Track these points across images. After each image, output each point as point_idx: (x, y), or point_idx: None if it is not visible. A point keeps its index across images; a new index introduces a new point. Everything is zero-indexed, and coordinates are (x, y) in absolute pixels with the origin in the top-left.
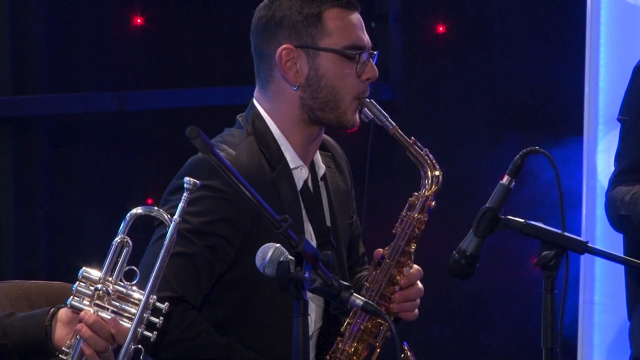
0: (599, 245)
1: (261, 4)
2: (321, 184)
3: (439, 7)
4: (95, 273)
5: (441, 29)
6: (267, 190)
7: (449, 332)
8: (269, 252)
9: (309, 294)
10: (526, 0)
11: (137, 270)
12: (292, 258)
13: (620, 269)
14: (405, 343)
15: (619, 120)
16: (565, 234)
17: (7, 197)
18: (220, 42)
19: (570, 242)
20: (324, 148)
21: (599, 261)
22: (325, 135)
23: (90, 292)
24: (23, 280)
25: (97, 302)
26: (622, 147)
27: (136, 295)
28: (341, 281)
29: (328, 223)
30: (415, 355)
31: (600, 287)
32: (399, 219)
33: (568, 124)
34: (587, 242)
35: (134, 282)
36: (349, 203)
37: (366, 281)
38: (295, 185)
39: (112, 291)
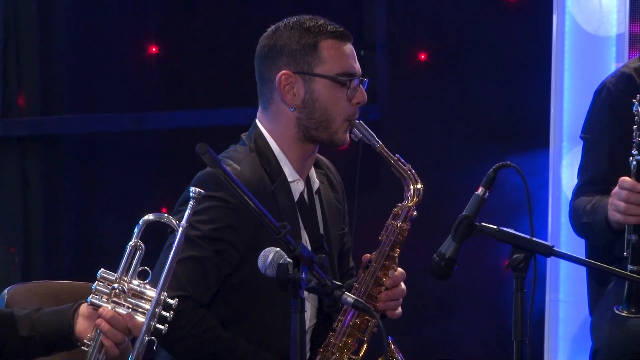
0: (563, 249)
1: (264, 34)
2: (315, 196)
3: (421, 37)
4: (112, 274)
5: (423, 56)
6: (267, 201)
7: (432, 326)
8: (269, 255)
9: (305, 293)
10: (499, 30)
11: (150, 271)
12: (290, 261)
13: (582, 270)
14: (390, 337)
15: (581, 137)
16: (533, 239)
17: (37, 207)
18: (226, 68)
19: (538, 246)
20: (318, 166)
21: (563, 263)
22: (320, 156)
23: (107, 291)
24: (51, 281)
25: (114, 299)
26: (584, 162)
27: (149, 292)
28: (334, 281)
29: (321, 231)
30: (399, 348)
31: (564, 286)
32: (385, 227)
33: (536, 141)
34: (553, 246)
35: (147, 281)
36: (341, 217)
37: (355, 282)
38: (293, 196)
39: (127, 289)
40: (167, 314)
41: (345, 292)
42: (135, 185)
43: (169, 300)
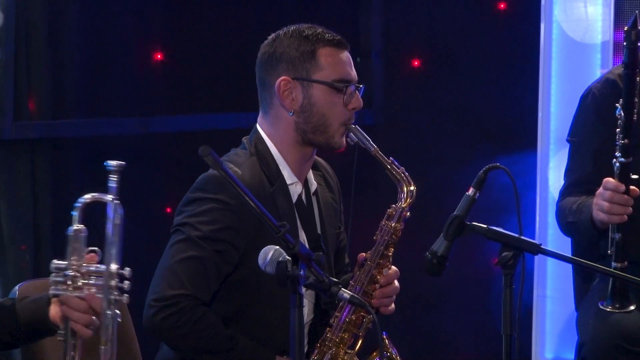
0: (550, 247)
1: (265, 42)
2: (313, 198)
3: (415, 45)
4: (63, 263)
5: (416, 63)
6: (266, 203)
7: (424, 321)
8: (269, 253)
9: (303, 290)
10: (489, 38)
11: (99, 251)
12: (289, 258)
13: (568, 267)
14: (384, 333)
15: (567, 141)
16: (522, 237)
17: (46, 207)
18: (228, 74)
19: (526, 245)
20: (316, 168)
21: (550, 261)
22: (318, 158)
23: (62, 279)
24: None
25: (72, 285)
26: (570, 164)
27: (103, 269)
28: (331, 278)
29: (319, 231)
30: (393, 343)
31: (551, 283)
32: (379, 227)
33: (524, 144)
34: (540, 244)
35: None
36: (337, 217)
37: (351, 280)
38: (291, 198)
39: (83, 272)
40: (124, 284)
41: (342, 289)
42: (141, 186)
43: (122, 271)
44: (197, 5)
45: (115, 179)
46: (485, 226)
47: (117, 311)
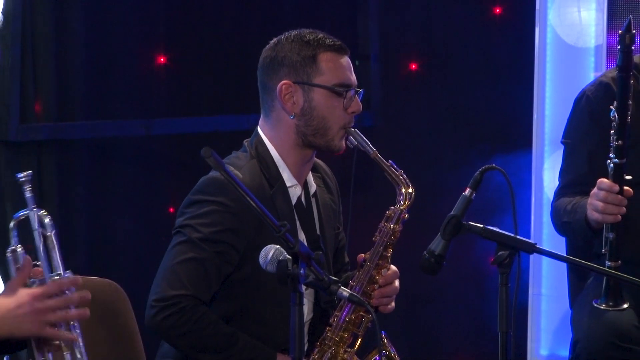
0: (545, 247)
1: (267, 46)
2: (312, 200)
3: (412, 49)
4: None
5: (413, 66)
6: (266, 205)
7: (421, 319)
8: (270, 252)
9: (303, 288)
10: (484, 42)
11: (38, 263)
12: (290, 257)
13: (563, 266)
14: (383, 332)
15: (562, 142)
16: (517, 237)
17: (53, 207)
18: (230, 77)
19: (522, 244)
20: (316, 170)
21: (545, 260)
22: (318, 160)
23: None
24: None
25: None
26: (565, 165)
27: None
28: (331, 277)
29: (318, 232)
30: (391, 341)
31: (546, 281)
32: (378, 229)
33: (519, 145)
34: (536, 243)
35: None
36: (336, 217)
37: (351, 280)
38: (290, 200)
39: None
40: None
41: (341, 287)
42: (144, 187)
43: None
44: (199, 10)
45: (29, 189)
46: (481, 226)
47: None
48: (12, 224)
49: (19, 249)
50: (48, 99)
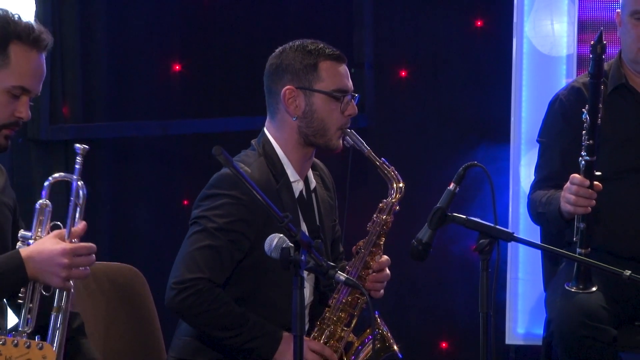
0: (522, 235)
1: (272, 54)
2: (312, 194)
3: (402, 58)
4: (28, 233)
5: (403, 73)
6: (272, 198)
7: (410, 301)
8: (274, 240)
9: (305, 273)
10: (467, 51)
11: (61, 225)
12: (292, 245)
13: (537, 252)
14: (376, 312)
15: (537, 141)
16: (497, 226)
17: None
18: (239, 82)
19: (501, 233)
20: (314, 168)
21: (521, 247)
22: (316, 160)
23: (26, 246)
24: None
25: None
26: (540, 162)
27: None
28: (329, 262)
29: (317, 223)
30: (384, 321)
31: (522, 267)
32: (372, 220)
33: (499, 144)
34: (513, 233)
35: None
36: (332, 211)
37: (347, 266)
38: (294, 194)
39: None
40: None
41: (338, 272)
42: (161, 181)
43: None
44: (211, 22)
45: (80, 160)
46: (464, 217)
47: (71, 282)
48: (48, 181)
49: (48, 206)
50: (75, 102)
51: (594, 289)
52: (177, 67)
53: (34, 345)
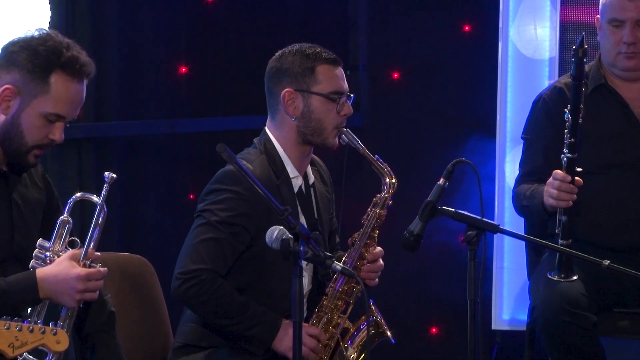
0: (507, 227)
1: (273, 58)
2: (311, 189)
3: (395, 60)
4: (47, 242)
5: (396, 75)
6: (273, 193)
7: (403, 289)
8: (275, 232)
9: (304, 263)
10: (456, 54)
11: (78, 241)
12: (292, 236)
13: (522, 243)
14: (371, 300)
15: (522, 138)
16: (483, 219)
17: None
18: (242, 84)
19: (487, 225)
20: (313, 164)
21: (507, 238)
22: (315, 156)
23: (43, 257)
24: (101, 252)
25: (48, 263)
26: (524, 157)
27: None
28: (326, 253)
29: (316, 216)
30: (378, 309)
31: (508, 256)
32: (366, 213)
33: (485, 141)
34: (499, 225)
35: (77, 248)
36: (330, 205)
37: (344, 257)
38: (293, 189)
39: (59, 255)
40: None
41: (335, 262)
42: (168, 177)
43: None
44: (215, 28)
45: (107, 187)
46: (453, 210)
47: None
48: (73, 199)
49: (69, 222)
50: (87, 102)
51: (574, 277)
52: (184, 70)
53: (48, 331)
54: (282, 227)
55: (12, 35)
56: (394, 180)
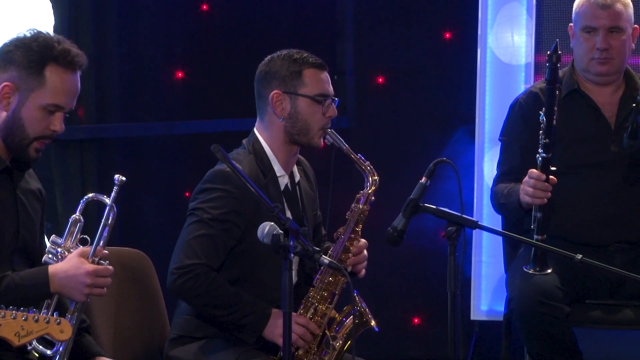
0: (485, 223)
1: (262, 62)
2: (297, 187)
3: (380, 66)
4: (60, 239)
5: (381, 80)
6: (261, 191)
7: (386, 282)
8: (266, 227)
9: (292, 257)
10: (438, 60)
11: (88, 239)
12: (282, 232)
13: (499, 238)
14: (355, 291)
15: (499, 140)
16: (463, 215)
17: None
18: (235, 88)
19: (467, 221)
20: (299, 164)
21: (485, 234)
22: (300, 156)
23: (54, 252)
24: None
25: (60, 258)
26: (501, 158)
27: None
28: (314, 247)
29: (302, 212)
30: (362, 299)
31: (486, 251)
32: (350, 209)
33: (465, 143)
34: (478, 221)
35: (87, 245)
36: (314, 201)
37: (330, 250)
38: (280, 187)
39: (70, 251)
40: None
41: (323, 256)
42: (166, 175)
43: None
44: (209, 36)
45: (116, 189)
46: (434, 207)
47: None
48: (85, 200)
49: (81, 220)
50: (89, 105)
51: (549, 271)
52: (180, 74)
53: (52, 321)
54: (272, 223)
55: None
56: (376, 177)
